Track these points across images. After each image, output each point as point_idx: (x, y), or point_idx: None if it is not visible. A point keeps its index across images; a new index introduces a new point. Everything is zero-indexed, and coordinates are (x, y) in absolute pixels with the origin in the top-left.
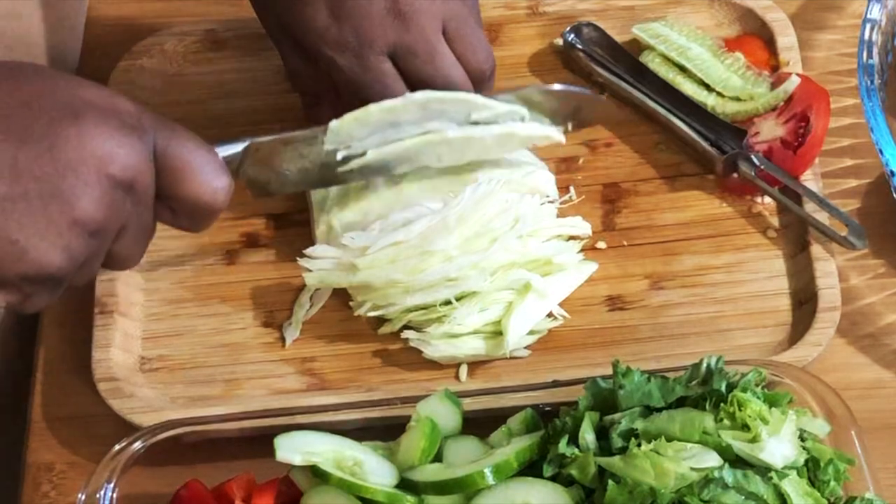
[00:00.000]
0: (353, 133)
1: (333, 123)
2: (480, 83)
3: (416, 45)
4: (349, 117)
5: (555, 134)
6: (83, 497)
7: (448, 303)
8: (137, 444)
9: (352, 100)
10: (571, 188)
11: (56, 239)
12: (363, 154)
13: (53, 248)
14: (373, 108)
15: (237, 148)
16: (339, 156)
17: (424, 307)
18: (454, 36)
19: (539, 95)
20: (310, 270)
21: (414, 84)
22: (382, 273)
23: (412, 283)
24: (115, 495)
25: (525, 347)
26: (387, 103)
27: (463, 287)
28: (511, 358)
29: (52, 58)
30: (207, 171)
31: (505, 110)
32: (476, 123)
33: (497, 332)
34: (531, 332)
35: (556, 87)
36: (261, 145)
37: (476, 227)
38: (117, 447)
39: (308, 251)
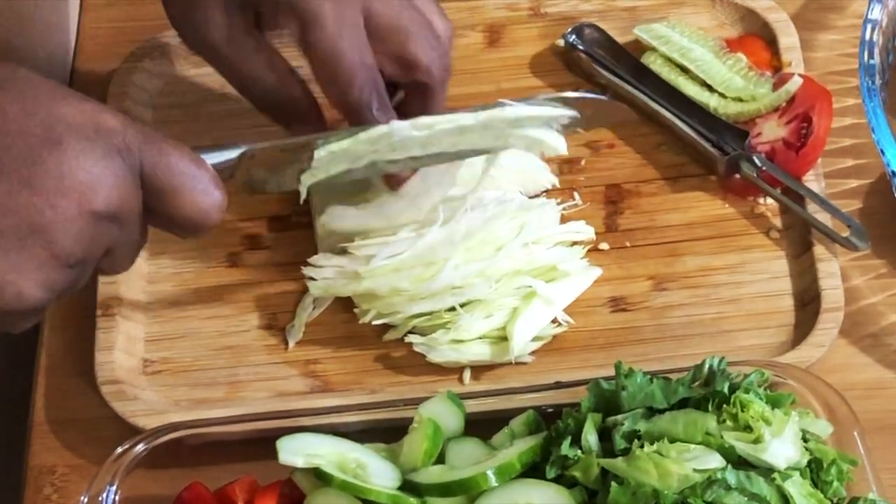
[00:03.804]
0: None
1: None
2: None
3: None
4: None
5: (561, 146)
6: (85, 500)
7: (453, 309)
8: (140, 447)
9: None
10: (576, 194)
11: (35, 274)
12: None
13: (33, 283)
14: (362, 136)
15: (232, 154)
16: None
17: (429, 314)
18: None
19: (552, 103)
20: (314, 279)
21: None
22: (387, 281)
23: (417, 292)
24: (117, 498)
25: (529, 353)
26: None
27: (468, 295)
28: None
29: (46, 58)
30: (198, 190)
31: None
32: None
33: (502, 338)
34: (536, 339)
35: (570, 94)
36: (256, 152)
37: (481, 237)
38: (120, 450)
39: (312, 259)
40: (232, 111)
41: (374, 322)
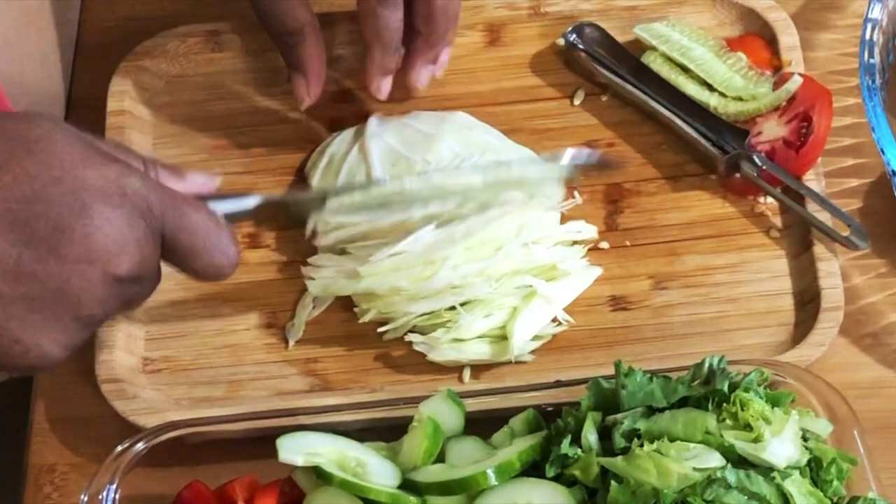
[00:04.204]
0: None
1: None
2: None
3: None
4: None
5: (558, 195)
6: (85, 498)
7: (453, 308)
8: (140, 445)
9: None
10: (577, 193)
11: (59, 335)
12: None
13: (56, 343)
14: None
15: (248, 204)
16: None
17: (429, 313)
18: None
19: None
20: (313, 279)
21: None
22: (386, 280)
23: (416, 291)
24: (117, 496)
25: (529, 352)
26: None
27: (468, 294)
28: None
29: (44, 58)
30: (215, 250)
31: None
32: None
33: (502, 337)
34: (536, 338)
35: (570, 155)
36: (272, 204)
37: (481, 237)
38: (120, 448)
39: (312, 259)
40: (232, 111)
41: (374, 321)
